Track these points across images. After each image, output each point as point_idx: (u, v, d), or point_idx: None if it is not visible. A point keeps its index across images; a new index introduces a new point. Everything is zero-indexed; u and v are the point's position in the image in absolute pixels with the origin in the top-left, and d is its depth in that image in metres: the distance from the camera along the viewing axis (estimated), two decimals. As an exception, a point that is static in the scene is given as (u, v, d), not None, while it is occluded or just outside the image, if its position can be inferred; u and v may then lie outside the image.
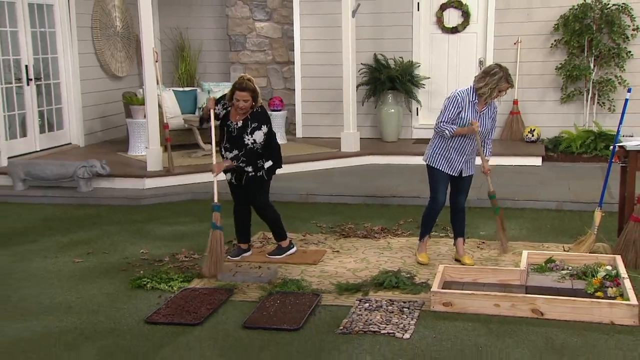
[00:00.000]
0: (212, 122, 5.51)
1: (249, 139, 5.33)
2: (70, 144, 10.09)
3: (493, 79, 5.09)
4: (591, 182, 7.83)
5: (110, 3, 10.66)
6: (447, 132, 5.22)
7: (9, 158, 8.66)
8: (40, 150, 9.45)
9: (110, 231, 6.62)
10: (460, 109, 5.20)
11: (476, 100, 5.21)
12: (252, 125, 5.34)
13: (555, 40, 9.73)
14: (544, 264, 5.21)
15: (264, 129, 5.35)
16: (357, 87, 9.75)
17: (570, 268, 5.12)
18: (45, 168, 8.03)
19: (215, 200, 5.40)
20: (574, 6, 9.50)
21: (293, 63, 10.81)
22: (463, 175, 5.45)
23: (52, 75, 9.75)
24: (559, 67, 9.70)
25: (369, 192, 7.70)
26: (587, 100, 9.69)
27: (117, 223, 6.91)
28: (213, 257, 5.30)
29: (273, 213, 5.68)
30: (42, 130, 9.60)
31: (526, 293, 4.71)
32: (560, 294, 4.65)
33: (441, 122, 5.26)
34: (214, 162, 5.43)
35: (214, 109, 5.46)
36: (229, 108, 5.42)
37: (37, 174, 8.01)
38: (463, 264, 5.45)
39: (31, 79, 9.27)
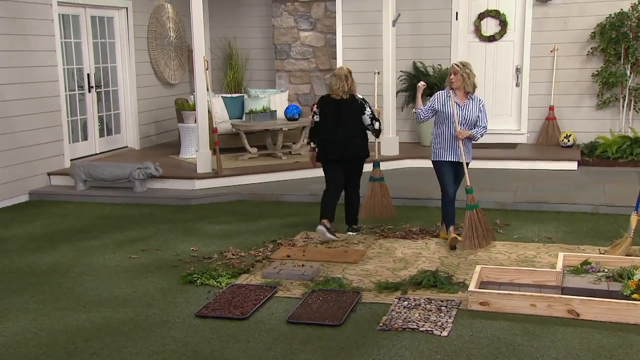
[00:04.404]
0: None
1: None
2: (126, 147, 10.44)
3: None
4: (627, 186, 7.82)
5: (165, 15, 10.98)
6: (415, 110, 6.18)
7: (71, 160, 8.97)
8: (100, 153, 9.80)
9: (162, 229, 6.87)
10: (434, 101, 6.08)
11: (451, 95, 6.01)
12: None
13: (591, 48, 9.76)
14: (579, 266, 5.17)
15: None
16: (397, 93, 9.94)
17: (606, 270, 5.07)
18: (104, 170, 8.32)
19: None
20: (611, 15, 9.52)
21: (335, 70, 11.11)
22: (460, 160, 6.06)
23: (111, 83, 10.11)
24: (595, 74, 9.74)
25: (407, 194, 7.77)
26: (623, 107, 9.72)
27: (169, 222, 7.16)
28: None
29: None
30: (101, 134, 9.96)
31: (562, 294, 4.67)
32: (596, 296, 4.59)
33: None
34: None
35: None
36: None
37: (97, 175, 8.32)
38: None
39: (92, 87, 9.62)
